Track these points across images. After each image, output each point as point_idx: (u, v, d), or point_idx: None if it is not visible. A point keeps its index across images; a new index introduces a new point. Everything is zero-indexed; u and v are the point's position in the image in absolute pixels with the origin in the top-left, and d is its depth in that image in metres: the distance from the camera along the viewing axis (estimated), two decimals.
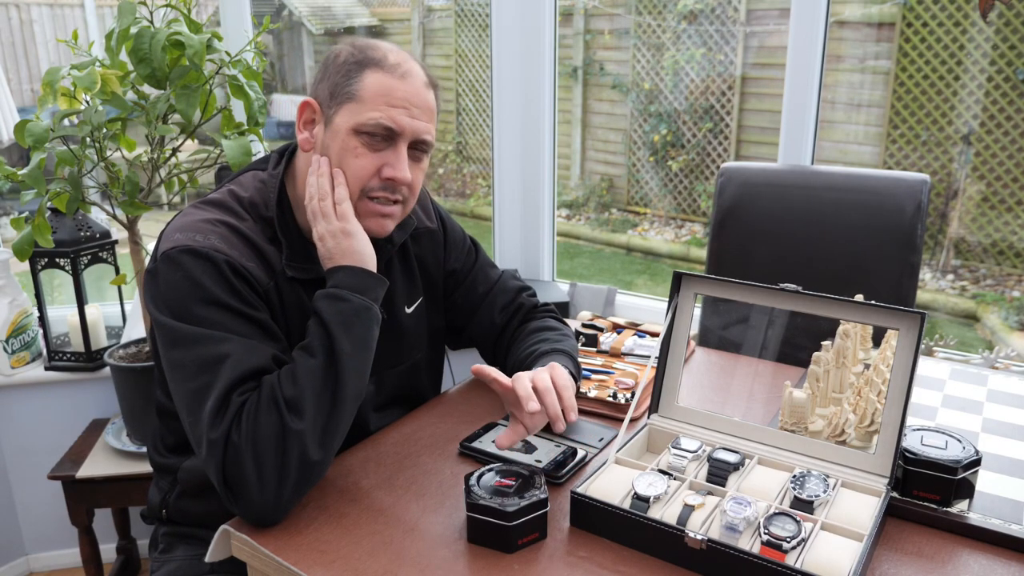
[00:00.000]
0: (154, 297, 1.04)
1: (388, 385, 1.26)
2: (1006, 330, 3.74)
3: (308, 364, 0.98)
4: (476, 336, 1.38)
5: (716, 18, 4.64)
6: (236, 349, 0.98)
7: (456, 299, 1.35)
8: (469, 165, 5.98)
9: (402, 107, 1.07)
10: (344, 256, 1.06)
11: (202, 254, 1.02)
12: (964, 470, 0.94)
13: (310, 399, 0.95)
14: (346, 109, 1.07)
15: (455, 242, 1.36)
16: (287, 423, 0.94)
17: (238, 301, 1.02)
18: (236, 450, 0.93)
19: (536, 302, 1.39)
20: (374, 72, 1.07)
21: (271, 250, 1.10)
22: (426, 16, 6.03)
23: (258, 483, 0.93)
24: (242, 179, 1.17)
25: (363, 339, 1.02)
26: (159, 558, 1.23)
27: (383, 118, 1.06)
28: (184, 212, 1.11)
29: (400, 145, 1.09)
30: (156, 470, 1.26)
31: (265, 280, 1.08)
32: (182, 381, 0.99)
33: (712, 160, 4.89)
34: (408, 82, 1.08)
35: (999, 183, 3.86)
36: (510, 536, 0.90)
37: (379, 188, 1.10)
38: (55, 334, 2.08)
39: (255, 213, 1.12)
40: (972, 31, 3.78)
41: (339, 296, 1.02)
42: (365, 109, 1.06)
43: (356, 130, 1.07)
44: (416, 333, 1.29)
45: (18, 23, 4.96)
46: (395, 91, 1.07)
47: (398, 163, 1.08)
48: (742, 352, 1.49)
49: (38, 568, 2.20)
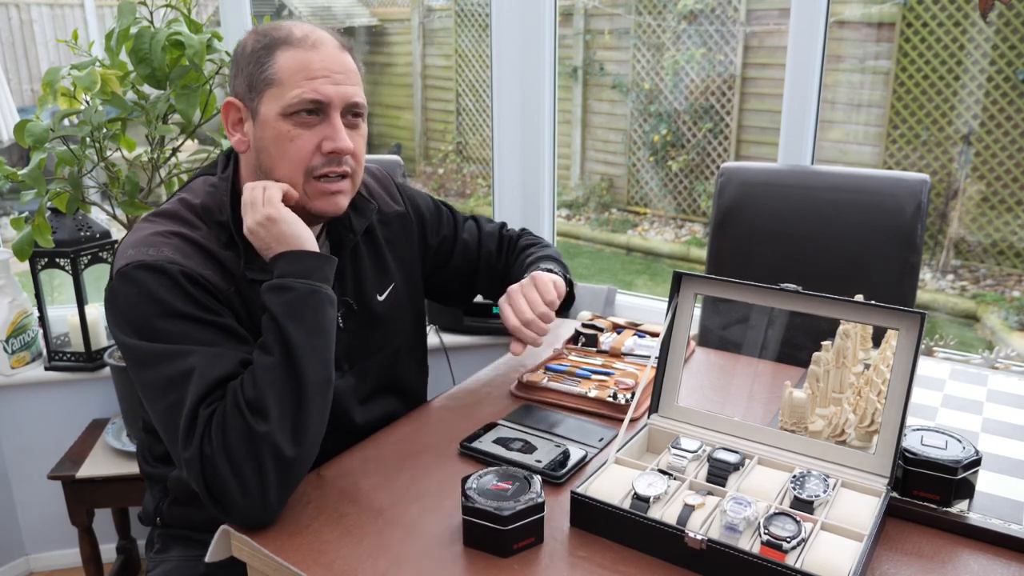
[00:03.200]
0: (114, 316, 1.03)
1: (369, 375, 1.24)
2: (1006, 330, 3.74)
3: (264, 362, 0.96)
4: (486, 288, 1.42)
5: (716, 18, 4.64)
6: (200, 362, 0.97)
7: (455, 264, 1.38)
8: (469, 165, 5.98)
9: (323, 76, 1.04)
10: (278, 243, 1.03)
11: (156, 267, 1.00)
12: (964, 470, 0.94)
13: (271, 397, 0.94)
14: (268, 96, 1.05)
15: (430, 216, 1.36)
16: (252, 426, 0.92)
17: (198, 309, 1.00)
18: (211, 463, 0.92)
19: (515, 231, 1.47)
20: (284, 50, 1.05)
21: (228, 256, 1.08)
22: (426, 16, 6.03)
23: (240, 490, 0.92)
24: (192, 186, 1.15)
25: (316, 324, 0.99)
26: (155, 558, 1.24)
27: (306, 92, 1.03)
28: (136, 227, 1.09)
29: (332, 115, 1.06)
30: (147, 478, 1.26)
31: (224, 286, 1.05)
32: (154, 400, 0.98)
33: (712, 160, 4.89)
34: (321, 50, 1.06)
35: (999, 183, 3.86)
36: (505, 540, 0.89)
37: (323, 164, 1.07)
38: (55, 334, 2.08)
39: (209, 219, 1.09)
40: (972, 31, 3.78)
41: (283, 286, 0.99)
42: (286, 89, 1.04)
43: (284, 113, 1.04)
44: (392, 319, 1.27)
45: (18, 23, 4.96)
46: (311, 63, 1.04)
47: (336, 133, 1.06)
48: (742, 352, 1.49)
49: (38, 568, 2.20)
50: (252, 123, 1.08)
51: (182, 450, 0.94)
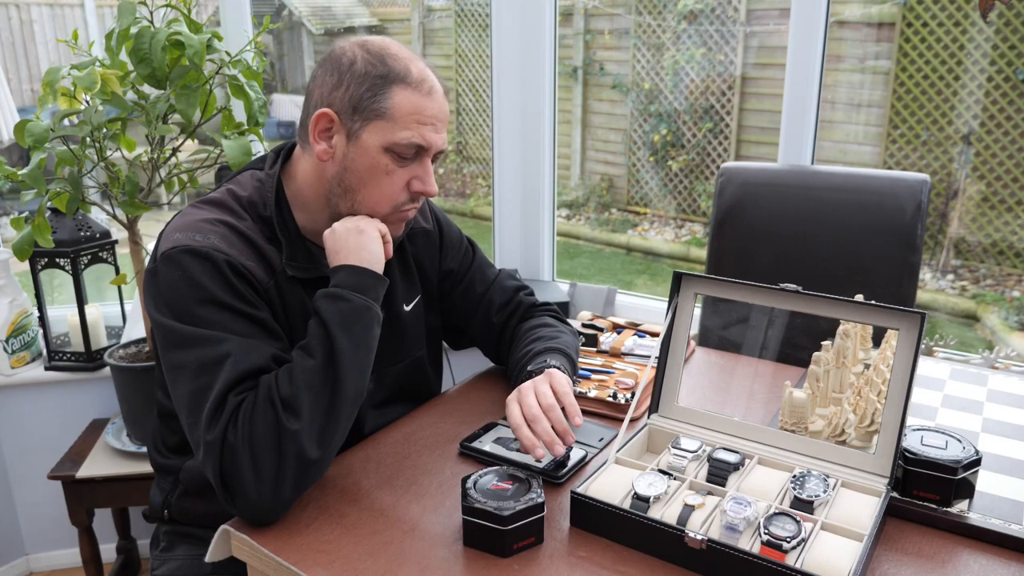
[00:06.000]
0: (154, 297, 1.04)
1: (388, 382, 1.26)
2: (1006, 330, 3.74)
3: (306, 364, 0.98)
4: (476, 336, 1.38)
5: (716, 18, 4.64)
6: (235, 349, 0.98)
7: (455, 299, 1.35)
8: (469, 165, 5.98)
9: (431, 124, 1.08)
10: (351, 253, 1.06)
11: (202, 254, 1.02)
12: (964, 470, 0.94)
13: (307, 398, 0.95)
14: (375, 127, 1.07)
15: (451, 242, 1.36)
16: (283, 422, 0.94)
17: (238, 300, 1.02)
18: (232, 450, 0.93)
19: (534, 300, 1.39)
20: (402, 89, 1.07)
21: (271, 249, 1.10)
22: (426, 16, 6.03)
23: (255, 482, 0.93)
24: (240, 178, 1.17)
25: (363, 339, 1.02)
26: (160, 556, 1.24)
27: (415, 137, 1.07)
28: (183, 212, 1.11)
29: (427, 159, 1.10)
30: (157, 470, 1.26)
31: (265, 279, 1.08)
32: (182, 382, 0.99)
33: (712, 160, 4.89)
34: (435, 97, 1.09)
35: (999, 183, 3.86)
36: (505, 540, 0.89)
37: (407, 202, 1.12)
38: (55, 334, 2.08)
39: (254, 212, 1.12)
40: (972, 31, 3.78)
41: (340, 295, 1.02)
42: (397, 128, 1.06)
43: (387, 148, 1.07)
44: (416, 330, 1.29)
45: (18, 23, 4.96)
46: (425, 110, 1.08)
47: (427, 177, 1.11)
48: (742, 352, 1.49)
49: (38, 568, 2.20)
50: (346, 142, 1.09)
51: (204, 432, 0.95)
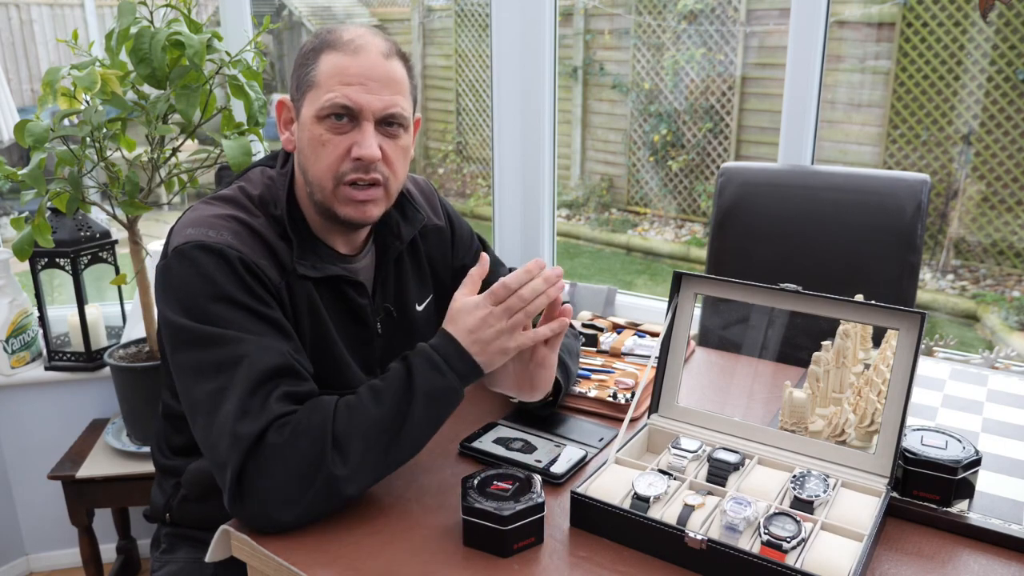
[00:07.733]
0: (164, 293, 1.02)
1: None
2: (1006, 330, 3.74)
3: (371, 413, 0.94)
4: None
5: (716, 18, 4.64)
6: (251, 349, 0.96)
7: None
8: (469, 165, 5.98)
9: (358, 83, 1.03)
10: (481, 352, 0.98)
11: (215, 250, 1.00)
12: (964, 470, 0.94)
13: (359, 447, 0.93)
14: (308, 98, 1.05)
15: (463, 239, 1.35)
16: (327, 460, 0.91)
17: (251, 299, 1.00)
18: (272, 450, 0.91)
19: None
20: (328, 53, 1.04)
21: (282, 247, 1.08)
22: (426, 16, 6.03)
23: (277, 497, 0.91)
24: (251, 175, 1.15)
25: (438, 416, 0.99)
26: (161, 558, 1.23)
27: (337, 97, 1.02)
28: (195, 207, 1.09)
29: (364, 123, 1.04)
30: (160, 471, 1.24)
31: (277, 278, 1.06)
32: (197, 382, 0.97)
33: (712, 160, 4.89)
34: (362, 56, 1.04)
35: (999, 183, 3.86)
36: (505, 540, 0.89)
37: (351, 171, 1.05)
38: (55, 334, 2.08)
39: (265, 210, 1.10)
40: (972, 31, 3.78)
41: (441, 368, 0.97)
42: (321, 93, 1.03)
43: (318, 116, 1.04)
44: (428, 330, 1.27)
45: (18, 23, 4.96)
46: (348, 68, 1.03)
47: (363, 140, 1.03)
48: (742, 352, 1.49)
49: (38, 568, 2.20)
50: (297, 124, 1.08)
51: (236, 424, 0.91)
